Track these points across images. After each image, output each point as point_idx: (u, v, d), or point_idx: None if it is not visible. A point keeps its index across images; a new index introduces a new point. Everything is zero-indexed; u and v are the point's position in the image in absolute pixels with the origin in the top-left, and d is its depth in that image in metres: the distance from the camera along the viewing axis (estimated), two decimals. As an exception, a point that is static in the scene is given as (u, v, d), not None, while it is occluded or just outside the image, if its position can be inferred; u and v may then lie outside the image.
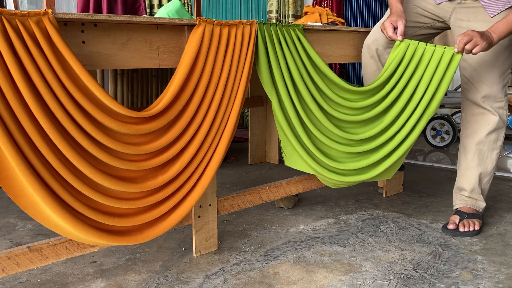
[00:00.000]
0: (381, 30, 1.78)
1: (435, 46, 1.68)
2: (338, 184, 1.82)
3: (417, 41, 1.70)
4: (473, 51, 1.60)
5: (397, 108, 1.72)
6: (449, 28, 1.93)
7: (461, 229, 1.82)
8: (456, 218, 1.87)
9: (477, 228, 1.83)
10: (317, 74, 1.69)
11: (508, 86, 2.21)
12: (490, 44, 1.61)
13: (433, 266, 1.56)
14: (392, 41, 1.76)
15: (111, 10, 3.55)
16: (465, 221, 1.84)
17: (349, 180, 1.77)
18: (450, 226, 1.84)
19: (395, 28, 1.73)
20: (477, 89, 1.81)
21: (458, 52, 1.64)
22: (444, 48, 1.66)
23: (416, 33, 1.94)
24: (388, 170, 1.84)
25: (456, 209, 1.94)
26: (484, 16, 1.77)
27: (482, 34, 1.60)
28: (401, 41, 1.71)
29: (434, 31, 1.96)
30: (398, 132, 1.74)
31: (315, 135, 1.70)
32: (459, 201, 1.95)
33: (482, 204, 1.92)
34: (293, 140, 1.69)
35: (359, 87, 1.74)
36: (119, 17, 1.29)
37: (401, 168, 2.23)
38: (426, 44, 1.69)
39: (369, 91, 1.73)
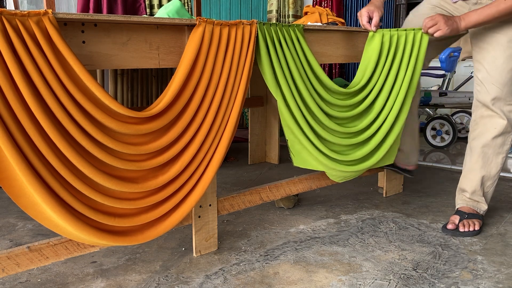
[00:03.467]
0: (358, 17, 1.87)
1: (405, 30, 1.81)
2: (347, 176, 1.85)
3: (388, 29, 1.79)
4: (435, 35, 1.74)
5: (383, 96, 1.81)
6: None
7: (461, 229, 1.82)
8: (456, 218, 1.87)
9: (477, 228, 1.83)
10: (313, 75, 1.71)
11: None
12: (453, 30, 1.72)
13: (433, 266, 1.56)
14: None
15: (111, 10, 3.55)
16: (465, 221, 1.84)
17: (357, 169, 1.83)
18: (450, 226, 1.84)
19: (370, 18, 1.81)
20: (488, 91, 1.81)
21: (426, 33, 1.79)
22: (414, 30, 1.80)
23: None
24: (388, 154, 1.92)
25: (457, 209, 1.94)
26: None
27: (447, 20, 1.71)
28: (375, 32, 1.80)
29: None
30: (388, 116, 1.82)
31: (319, 132, 1.72)
32: (460, 201, 1.95)
33: (483, 207, 1.91)
34: (302, 138, 1.69)
35: (347, 88, 1.80)
36: (119, 17, 1.29)
37: (411, 173, 2.22)
38: (397, 29, 1.80)
39: (356, 91, 1.79)
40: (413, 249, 1.69)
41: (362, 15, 1.82)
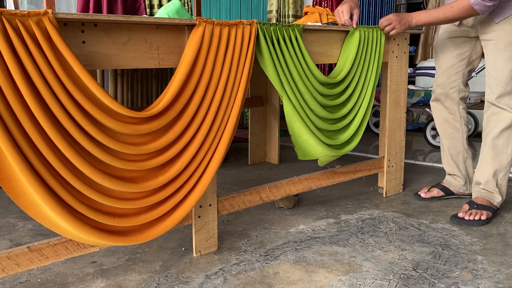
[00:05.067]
0: (336, 14, 2.01)
1: (371, 27, 1.99)
2: (332, 159, 1.95)
3: (362, 26, 1.94)
4: (391, 33, 1.98)
5: (359, 86, 1.98)
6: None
7: (466, 217, 1.91)
8: (466, 207, 1.97)
9: (483, 217, 1.90)
10: (309, 71, 1.76)
11: None
12: (406, 28, 1.97)
13: (433, 266, 1.56)
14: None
15: (111, 10, 3.55)
16: (473, 210, 1.93)
17: (343, 152, 1.97)
18: (460, 214, 1.94)
19: (351, 15, 1.96)
20: (493, 90, 1.96)
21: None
22: (375, 27, 2.01)
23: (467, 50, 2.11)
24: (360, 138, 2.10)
25: (471, 199, 2.03)
26: (492, 23, 1.94)
27: (401, 20, 1.95)
28: (355, 28, 1.92)
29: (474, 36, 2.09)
30: (362, 104, 2.01)
31: (315, 122, 1.82)
32: (475, 193, 2.05)
33: (498, 198, 2.00)
34: (304, 130, 1.78)
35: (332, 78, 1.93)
36: (119, 17, 1.29)
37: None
38: (367, 26, 1.98)
39: (340, 81, 1.92)
40: (413, 249, 1.69)
41: (344, 12, 1.96)
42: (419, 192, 2.28)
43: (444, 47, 2.14)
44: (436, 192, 2.25)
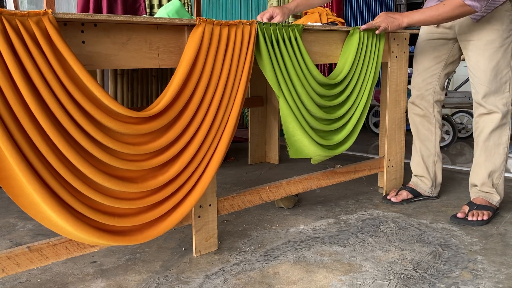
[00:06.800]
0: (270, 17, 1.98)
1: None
2: (324, 158, 1.94)
3: (358, 27, 1.93)
4: (376, 31, 1.94)
5: (358, 87, 1.98)
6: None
7: (469, 218, 1.92)
8: (466, 208, 1.97)
9: (485, 218, 1.91)
10: (308, 71, 1.76)
11: None
12: (394, 27, 1.92)
13: (433, 266, 1.56)
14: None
15: (111, 10, 3.54)
16: (474, 211, 1.94)
17: (336, 153, 1.97)
18: (459, 215, 1.94)
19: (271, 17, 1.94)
20: (478, 91, 1.95)
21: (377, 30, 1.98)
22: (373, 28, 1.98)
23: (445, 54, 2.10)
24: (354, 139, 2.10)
25: (470, 200, 2.04)
26: (471, 21, 1.94)
27: (384, 19, 1.92)
28: (358, 28, 1.91)
29: (452, 38, 2.07)
30: (359, 105, 2.00)
31: (310, 122, 1.82)
32: (473, 194, 2.06)
33: (496, 197, 2.01)
34: (298, 130, 1.77)
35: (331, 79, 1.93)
36: (119, 17, 1.29)
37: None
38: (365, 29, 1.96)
39: (339, 82, 1.92)
40: (413, 249, 1.69)
41: (263, 17, 1.94)
42: (388, 197, 2.22)
43: (422, 49, 2.13)
44: (405, 194, 2.21)
